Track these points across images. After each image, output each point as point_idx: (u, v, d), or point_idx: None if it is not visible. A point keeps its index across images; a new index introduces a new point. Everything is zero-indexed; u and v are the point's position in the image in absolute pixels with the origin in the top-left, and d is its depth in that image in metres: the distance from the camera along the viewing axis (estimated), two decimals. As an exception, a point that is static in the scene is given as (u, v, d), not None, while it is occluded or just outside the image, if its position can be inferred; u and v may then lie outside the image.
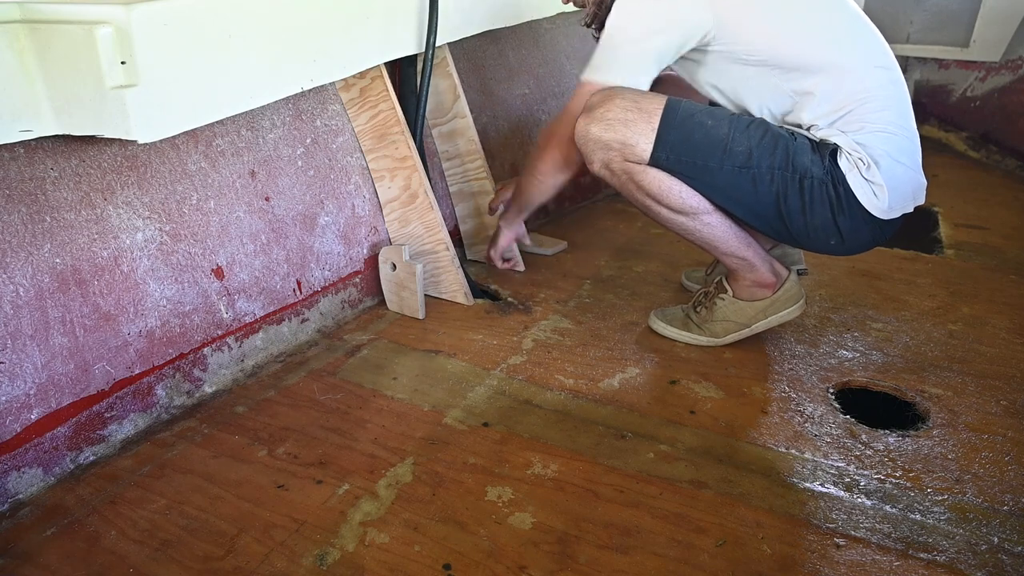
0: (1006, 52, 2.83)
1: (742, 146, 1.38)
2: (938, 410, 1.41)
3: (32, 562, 1.08)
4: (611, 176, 1.49)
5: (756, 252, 1.54)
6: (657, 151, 1.41)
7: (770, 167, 1.38)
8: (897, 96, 1.41)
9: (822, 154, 1.38)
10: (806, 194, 1.39)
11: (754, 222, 1.48)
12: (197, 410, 1.43)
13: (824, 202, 1.39)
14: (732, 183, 1.41)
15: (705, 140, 1.39)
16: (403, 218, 1.83)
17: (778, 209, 1.42)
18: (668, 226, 1.53)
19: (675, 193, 1.44)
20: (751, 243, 1.53)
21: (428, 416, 1.41)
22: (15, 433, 1.19)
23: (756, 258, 1.53)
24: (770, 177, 1.39)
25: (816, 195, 1.39)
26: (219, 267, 1.50)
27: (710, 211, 1.47)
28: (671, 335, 1.65)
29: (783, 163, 1.38)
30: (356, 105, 1.78)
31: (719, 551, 1.09)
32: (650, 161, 1.43)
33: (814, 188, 1.38)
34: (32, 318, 1.21)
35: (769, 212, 1.43)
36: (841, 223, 1.41)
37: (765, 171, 1.39)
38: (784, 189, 1.39)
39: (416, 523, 1.15)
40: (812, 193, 1.39)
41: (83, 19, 1.03)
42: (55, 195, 1.25)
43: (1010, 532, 1.12)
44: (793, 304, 1.57)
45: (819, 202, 1.39)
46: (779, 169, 1.38)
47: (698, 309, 1.64)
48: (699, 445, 1.32)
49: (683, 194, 1.45)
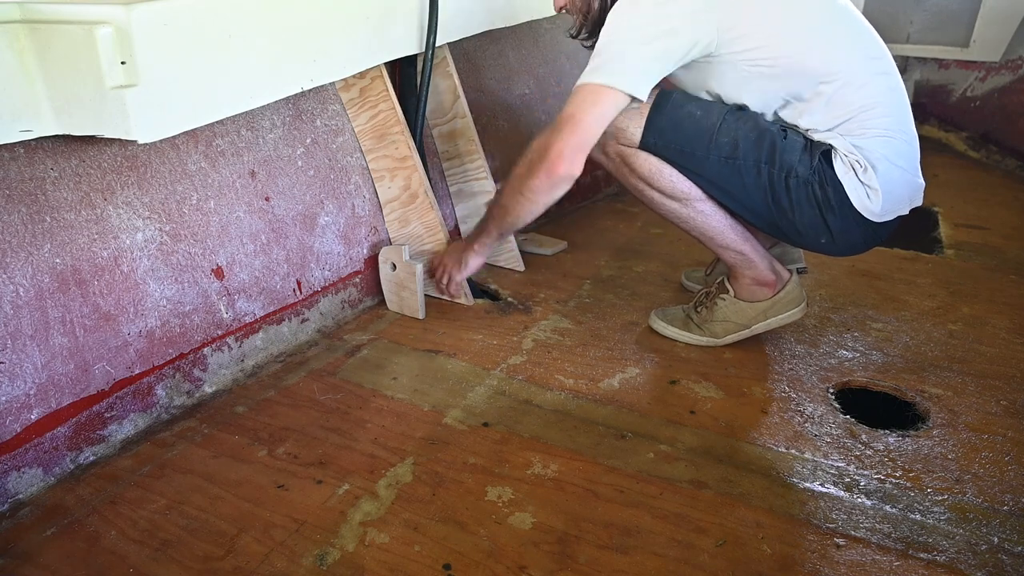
0: (1006, 52, 2.83)
1: (727, 137, 1.39)
2: (938, 410, 1.41)
3: (32, 562, 1.08)
4: (606, 160, 1.52)
5: (754, 248, 1.53)
6: (647, 135, 1.43)
7: (756, 161, 1.39)
8: (897, 102, 1.40)
9: (812, 154, 1.38)
10: (792, 192, 1.39)
11: (747, 215, 1.48)
12: (197, 410, 1.43)
13: (810, 201, 1.39)
14: (719, 173, 1.42)
15: (693, 128, 1.40)
16: (403, 218, 1.83)
17: (767, 204, 1.42)
18: (662, 213, 1.53)
19: (665, 176, 1.45)
20: (748, 238, 1.53)
21: (428, 416, 1.41)
22: (15, 433, 1.19)
23: (754, 254, 1.53)
24: (756, 171, 1.39)
25: (801, 193, 1.39)
26: (219, 267, 1.50)
27: (703, 199, 1.47)
28: (671, 335, 1.65)
29: (769, 158, 1.38)
30: (356, 105, 1.78)
31: (719, 551, 1.09)
32: (640, 145, 1.44)
33: (799, 187, 1.39)
34: (32, 318, 1.21)
35: (759, 206, 1.43)
36: (831, 222, 1.41)
37: (751, 164, 1.39)
38: (771, 184, 1.40)
39: (416, 523, 1.15)
40: (797, 191, 1.39)
41: (83, 19, 1.03)
42: (55, 195, 1.25)
43: (1010, 532, 1.12)
44: (794, 307, 1.57)
45: (805, 201, 1.40)
46: (765, 164, 1.38)
47: (699, 309, 1.64)
48: (699, 445, 1.32)
49: (673, 178, 1.45)
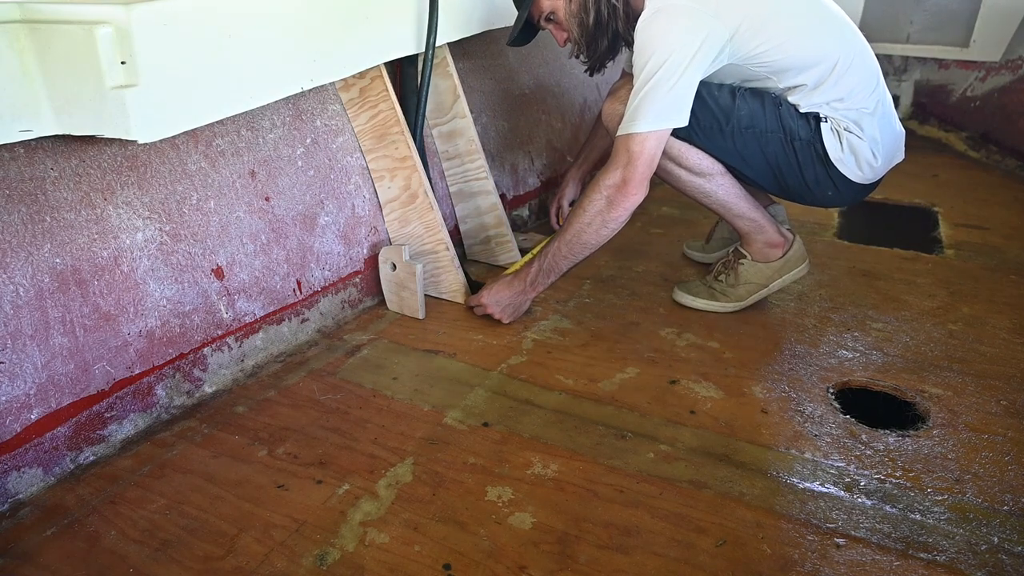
0: (1006, 52, 2.83)
1: (744, 111, 1.56)
2: (938, 410, 1.41)
3: (32, 562, 1.08)
4: None
5: (763, 215, 1.70)
6: None
7: (769, 129, 1.57)
8: (873, 79, 1.57)
9: (807, 119, 1.56)
10: (799, 154, 1.58)
11: (762, 180, 1.65)
12: (197, 410, 1.43)
13: (815, 159, 1.58)
14: (741, 143, 1.58)
15: (716, 106, 1.55)
16: (403, 218, 1.83)
17: (780, 166, 1.60)
18: (686, 189, 1.67)
19: (693, 154, 1.60)
20: (758, 207, 1.69)
21: (428, 416, 1.41)
22: (15, 433, 1.19)
23: (764, 220, 1.69)
24: (769, 138, 1.57)
25: (807, 154, 1.58)
26: (219, 267, 1.50)
27: (723, 173, 1.64)
28: (701, 306, 1.79)
29: (775, 126, 1.56)
30: (356, 105, 1.77)
31: (719, 551, 1.09)
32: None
33: (803, 148, 1.57)
34: (32, 318, 1.21)
35: (774, 169, 1.61)
36: (833, 176, 1.60)
37: (767, 132, 1.57)
38: (782, 148, 1.58)
39: (416, 523, 1.15)
40: (803, 152, 1.58)
41: (83, 19, 1.03)
42: (55, 195, 1.25)
43: (1010, 532, 1.12)
44: (803, 263, 1.74)
45: (810, 160, 1.58)
46: (773, 132, 1.57)
47: (720, 277, 1.78)
48: (699, 445, 1.32)
49: (699, 156, 1.61)
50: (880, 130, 1.57)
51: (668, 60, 1.42)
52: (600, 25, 1.58)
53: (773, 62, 1.51)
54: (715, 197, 1.66)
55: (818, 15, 1.54)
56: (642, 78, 1.45)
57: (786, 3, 1.51)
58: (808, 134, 1.56)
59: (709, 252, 2.05)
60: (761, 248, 1.72)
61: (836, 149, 1.56)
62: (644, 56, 1.44)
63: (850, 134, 1.55)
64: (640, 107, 1.46)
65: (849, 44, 1.54)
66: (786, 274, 1.73)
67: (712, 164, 1.61)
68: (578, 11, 1.58)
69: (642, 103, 1.46)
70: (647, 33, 1.44)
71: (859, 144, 1.55)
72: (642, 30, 1.45)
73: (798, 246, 1.73)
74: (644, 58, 1.44)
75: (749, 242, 1.73)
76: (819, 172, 1.59)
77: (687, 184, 1.65)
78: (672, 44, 1.42)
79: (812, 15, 1.53)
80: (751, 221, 1.69)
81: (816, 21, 1.53)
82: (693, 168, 1.62)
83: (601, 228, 1.59)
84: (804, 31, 1.51)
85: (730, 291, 1.76)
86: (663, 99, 1.45)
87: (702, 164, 1.61)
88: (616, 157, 1.52)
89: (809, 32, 1.51)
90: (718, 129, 1.56)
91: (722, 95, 1.55)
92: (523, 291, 1.69)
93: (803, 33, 1.50)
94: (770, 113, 1.55)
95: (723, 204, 1.67)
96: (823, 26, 1.53)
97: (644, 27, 1.45)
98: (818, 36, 1.52)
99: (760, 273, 1.73)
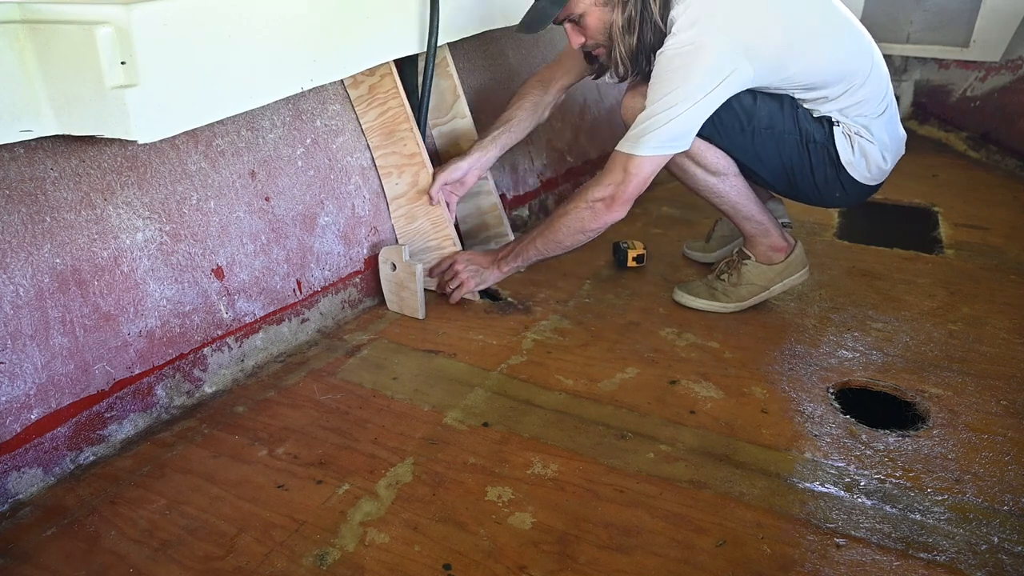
0: (1006, 52, 2.83)
1: (764, 111, 1.57)
2: (938, 410, 1.41)
3: (32, 562, 1.08)
4: None
5: (769, 217, 1.72)
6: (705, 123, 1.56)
7: (787, 131, 1.59)
8: (884, 86, 1.59)
9: (821, 122, 1.59)
10: (812, 156, 1.60)
11: (773, 180, 1.67)
12: (197, 410, 1.43)
13: (827, 162, 1.60)
14: (760, 143, 1.59)
15: (739, 106, 1.55)
16: (410, 214, 1.83)
17: (792, 167, 1.62)
18: (699, 188, 1.69)
19: (712, 153, 1.62)
20: (765, 210, 1.72)
21: (428, 416, 1.41)
22: (15, 433, 1.19)
23: (770, 223, 1.72)
24: (786, 139, 1.59)
25: (819, 156, 1.60)
26: (219, 267, 1.50)
27: (737, 174, 1.66)
28: (700, 306, 1.79)
29: (792, 128, 1.58)
30: (364, 102, 1.78)
31: (719, 551, 1.09)
32: None
33: (817, 150, 1.59)
34: (32, 318, 1.21)
35: (787, 171, 1.63)
36: (843, 178, 1.62)
37: (784, 134, 1.59)
38: (798, 149, 1.60)
39: (416, 523, 1.15)
40: (816, 155, 1.60)
41: (83, 19, 1.03)
42: (55, 195, 1.25)
43: (1010, 532, 1.12)
44: (803, 268, 1.76)
45: (821, 162, 1.60)
46: (791, 133, 1.59)
47: (723, 276, 1.78)
48: (699, 445, 1.32)
49: (717, 155, 1.62)
50: (888, 133, 1.59)
51: (686, 97, 1.43)
52: (643, 44, 1.51)
53: (800, 85, 1.54)
54: (727, 198, 1.67)
55: (848, 32, 1.55)
56: (657, 105, 1.46)
57: (821, 24, 1.51)
58: (823, 137, 1.58)
59: (709, 251, 2.05)
60: (765, 251, 1.73)
61: (848, 152, 1.58)
62: (662, 87, 1.45)
63: (861, 138, 1.57)
64: (647, 131, 1.47)
65: (868, 56, 1.56)
66: (787, 278, 1.75)
67: (728, 164, 1.63)
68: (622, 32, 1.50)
69: (650, 127, 1.47)
70: (671, 65, 1.44)
71: (870, 147, 1.57)
72: (667, 59, 1.44)
73: (799, 251, 1.75)
74: (662, 89, 1.45)
75: (754, 244, 1.74)
76: (829, 174, 1.61)
77: (701, 182, 1.66)
78: (692, 82, 1.43)
79: (843, 32, 1.54)
80: (759, 224, 1.70)
81: (847, 39, 1.54)
82: (710, 167, 1.63)
83: (578, 234, 1.65)
84: (835, 52, 1.52)
85: (731, 291, 1.77)
86: (671, 129, 1.46)
87: (719, 163, 1.63)
88: (611, 172, 1.54)
89: (838, 51, 1.53)
90: (739, 129, 1.57)
91: (743, 95, 1.55)
92: (492, 263, 1.77)
93: (834, 55, 1.52)
94: (788, 115, 1.57)
95: (734, 205, 1.68)
96: (852, 43, 1.55)
97: (670, 58, 1.44)
98: (846, 55, 1.53)
99: (763, 275, 1.74)
